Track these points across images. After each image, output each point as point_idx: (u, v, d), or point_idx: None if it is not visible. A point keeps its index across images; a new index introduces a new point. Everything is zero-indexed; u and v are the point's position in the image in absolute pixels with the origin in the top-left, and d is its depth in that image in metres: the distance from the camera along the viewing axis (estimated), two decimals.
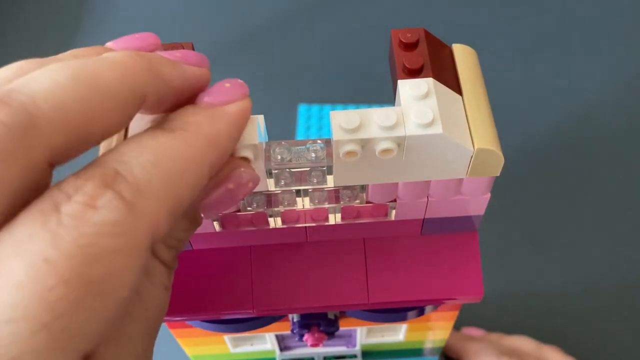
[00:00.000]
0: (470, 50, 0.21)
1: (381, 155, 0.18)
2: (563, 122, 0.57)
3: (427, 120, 0.18)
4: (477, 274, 0.24)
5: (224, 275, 0.24)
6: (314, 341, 0.28)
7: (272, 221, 0.22)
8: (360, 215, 0.23)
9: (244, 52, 0.61)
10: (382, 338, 0.32)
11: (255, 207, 0.21)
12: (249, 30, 0.62)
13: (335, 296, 0.24)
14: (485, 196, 0.21)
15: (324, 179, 0.20)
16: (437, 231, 0.24)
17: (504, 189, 0.49)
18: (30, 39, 0.63)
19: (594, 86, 0.58)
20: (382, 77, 0.42)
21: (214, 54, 0.60)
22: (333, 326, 0.27)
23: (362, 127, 0.18)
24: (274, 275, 0.24)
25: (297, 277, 0.24)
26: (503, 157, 0.19)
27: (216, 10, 0.64)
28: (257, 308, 0.24)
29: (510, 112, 0.56)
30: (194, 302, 0.24)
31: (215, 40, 0.62)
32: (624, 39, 0.61)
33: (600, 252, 0.50)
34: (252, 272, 0.24)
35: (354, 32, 0.62)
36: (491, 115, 0.20)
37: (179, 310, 0.24)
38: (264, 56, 0.60)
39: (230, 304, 0.24)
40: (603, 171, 0.54)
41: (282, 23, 0.63)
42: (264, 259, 0.24)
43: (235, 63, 0.60)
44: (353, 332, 0.31)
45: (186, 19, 0.64)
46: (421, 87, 0.19)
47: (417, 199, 0.21)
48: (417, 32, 0.20)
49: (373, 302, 0.24)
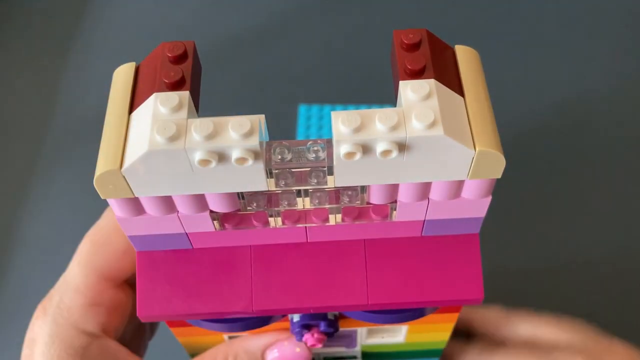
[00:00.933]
0: (473, 51, 0.21)
1: (382, 156, 0.18)
2: (562, 124, 0.57)
3: (428, 121, 0.18)
4: (477, 276, 0.24)
5: (223, 274, 0.24)
6: (314, 341, 0.28)
7: (273, 221, 0.22)
8: (361, 216, 0.23)
9: (244, 52, 0.61)
10: (382, 339, 0.32)
11: (255, 207, 0.21)
12: (249, 30, 0.62)
13: (334, 297, 0.24)
14: (487, 198, 0.21)
15: (325, 180, 0.20)
16: (438, 233, 0.24)
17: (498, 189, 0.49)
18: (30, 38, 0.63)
19: (592, 86, 0.58)
20: (382, 77, 0.42)
21: (214, 54, 0.60)
22: (333, 327, 0.27)
23: (363, 127, 0.18)
24: (273, 275, 0.24)
25: (297, 277, 0.24)
26: (504, 160, 0.19)
27: (216, 10, 0.64)
28: (256, 307, 0.24)
29: (508, 112, 0.56)
30: (194, 300, 0.24)
31: (215, 39, 0.62)
32: (624, 39, 0.61)
33: (600, 253, 0.50)
34: (252, 271, 0.24)
35: (355, 32, 0.62)
36: (493, 117, 0.19)
37: (178, 308, 0.24)
38: (264, 56, 0.60)
39: (230, 303, 0.24)
40: (601, 171, 0.54)
41: (282, 22, 0.63)
42: (264, 259, 0.24)
43: (236, 63, 0.60)
44: (353, 332, 0.31)
45: (186, 19, 0.64)
46: (423, 88, 0.19)
47: (418, 201, 0.21)
48: (420, 33, 0.20)
49: (373, 303, 0.24)
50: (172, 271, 0.24)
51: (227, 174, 0.19)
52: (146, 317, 0.24)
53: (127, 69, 0.21)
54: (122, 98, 0.20)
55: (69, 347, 0.26)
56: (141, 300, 0.24)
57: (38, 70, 0.59)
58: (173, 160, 0.18)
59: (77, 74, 0.59)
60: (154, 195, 0.20)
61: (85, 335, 0.27)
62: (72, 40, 0.62)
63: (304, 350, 0.28)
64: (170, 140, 0.18)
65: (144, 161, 0.18)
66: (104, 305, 0.27)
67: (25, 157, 0.54)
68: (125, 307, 0.29)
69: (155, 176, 0.19)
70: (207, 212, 0.21)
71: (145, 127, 0.19)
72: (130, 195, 0.20)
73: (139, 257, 0.24)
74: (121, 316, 0.28)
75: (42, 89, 0.58)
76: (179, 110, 0.19)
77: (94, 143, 0.20)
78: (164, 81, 0.19)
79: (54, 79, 0.58)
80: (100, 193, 0.20)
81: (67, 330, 0.26)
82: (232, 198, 0.21)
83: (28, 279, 0.49)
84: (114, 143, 0.19)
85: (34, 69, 0.59)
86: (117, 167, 0.19)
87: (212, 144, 0.18)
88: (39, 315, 0.27)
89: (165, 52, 0.20)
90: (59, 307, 0.27)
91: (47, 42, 0.62)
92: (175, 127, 0.18)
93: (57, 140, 0.55)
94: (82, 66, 0.59)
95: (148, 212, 0.21)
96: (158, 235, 0.23)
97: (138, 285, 0.24)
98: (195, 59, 0.21)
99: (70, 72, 0.59)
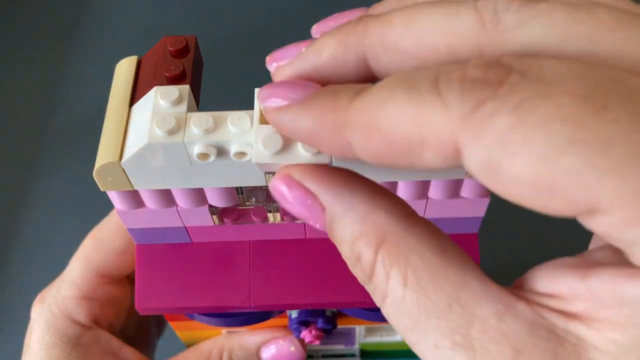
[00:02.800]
0: None
1: None
2: None
3: None
4: None
5: (222, 269, 0.24)
6: (312, 338, 0.28)
7: (271, 216, 0.22)
8: None
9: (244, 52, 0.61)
10: (381, 337, 0.32)
11: (254, 202, 0.21)
12: (250, 26, 0.62)
13: (332, 294, 0.24)
14: (486, 198, 0.21)
15: None
16: None
17: None
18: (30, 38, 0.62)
19: None
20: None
21: (214, 54, 0.60)
22: (331, 324, 0.27)
23: None
24: (272, 270, 0.24)
25: (295, 274, 0.24)
26: None
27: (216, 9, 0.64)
28: (254, 303, 0.24)
29: None
30: (192, 294, 0.24)
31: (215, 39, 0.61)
32: None
33: None
34: (250, 266, 0.24)
35: None
36: None
37: (177, 301, 0.24)
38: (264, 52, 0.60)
39: (228, 298, 0.24)
40: None
41: (283, 19, 0.63)
42: (262, 254, 0.24)
43: (236, 62, 0.60)
44: (352, 330, 0.31)
45: (186, 19, 0.64)
46: None
47: (417, 199, 0.21)
48: None
49: (370, 300, 0.24)
50: (170, 265, 0.24)
51: (225, 168, 0.19)
52: (144, 310, 0.24)
53: (129, 62, 0.21)
54: (123, 91, 0.20)
55: (64, 335, 0.27)
56: (139, 293, 0.24)
57: (38, 70, 0.59)
58: (172, 153, 0.18)
59: (77, 74, 0.59)
60: (153, 189, 0.20)
61: (79, 325, 0.27)
62: (72, 40, 0.61)
63: (299, 349, 0.28)
64: (169, 133, 0.18)
65: (143, 154, 0.18)
66: (97, 299, 0.28)
67: (25, 157, 0.54)
68: (122, 302, 0.29)
69: (154, 169, 0.19)
70: (206, 206, 0.22)
71: (145, 120, 0.19)
72: (130, 188, 0.20)
73: (138, 250, 0.24)
74: (116, 311, 0.29)
75: (42, 89, 0.58)
76: (179, 104, 0.19)
77: (94, 143, 0.20)
78: (164, 75, 0.20)
79: (54, 78, 0.58)
80: (100, 185, 0.20)
81: (62, 320, 0.27)
82: (230, 192, 0.21)
83: (28, 279, 0.49)
84: (114, 135, 0.19)
85: (34, 68, 0.59)
86: (117, 159, 0.19)
87: (211, 138, 0.18)
88: (37, 303, 0.28)
89: (167, 46, 0.20)
90: (55, 297, 0.27)
91: (47, 42, 0.61)
92: (175, 120, 0.18)
93: (57, 140, 0.55)
94: (82, 66, 0.59)
95: (147, 205, 0.21)
96: (157, 229, 0.23)
97: (137, 278, 0.24)
98: (196, 53, 0.21)
99: (70, 72, 0.59)
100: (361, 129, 0.13)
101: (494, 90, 0.12)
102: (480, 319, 0.13)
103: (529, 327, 0.13)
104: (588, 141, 0.11)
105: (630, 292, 0.12)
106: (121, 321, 0.29)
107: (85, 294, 0.27)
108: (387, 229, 0.14)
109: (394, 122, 0.13)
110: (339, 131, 0.14)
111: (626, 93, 0.11)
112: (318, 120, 0.14)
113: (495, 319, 0.13)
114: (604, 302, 0.13)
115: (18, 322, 0.33)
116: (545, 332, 0.13)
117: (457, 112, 0.12)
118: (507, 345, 0.13)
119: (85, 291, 0.27)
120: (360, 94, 0.13)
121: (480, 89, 0.12)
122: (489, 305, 0.13)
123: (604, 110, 0.11)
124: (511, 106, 0.11)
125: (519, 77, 0.12)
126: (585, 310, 0.13)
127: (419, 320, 0.14)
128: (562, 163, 0.11)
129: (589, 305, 0.13)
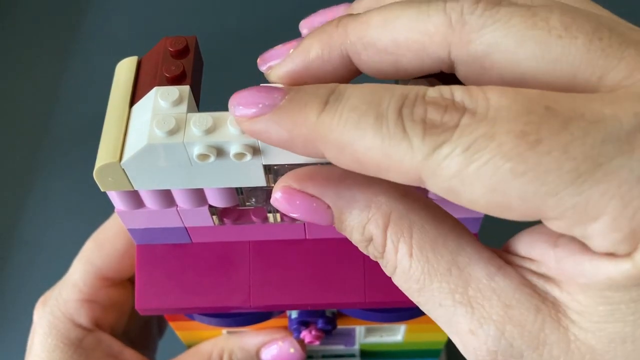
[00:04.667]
0: None
1: None
2: None
3: None
4: None
5: (222, 269, 0.24)
6: (311, 338, 0.28)
7: (272, 217, 0.22)
8: None
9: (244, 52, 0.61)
10: (380, 338, 0.32)
11: (254, 202, 0.21)
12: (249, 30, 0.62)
13: (332, 294, 0.24)
14: None
15: None
16: None
17: None
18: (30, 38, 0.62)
19: None
20: None
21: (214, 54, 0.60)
22: (331, 324, 0.27)
23: None
24: (272, 271, 0.24)
25: (295, 274, 0.24)
26: None
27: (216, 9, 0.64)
28: (253, 303, 0.24)
29: None
30: (192, 294, 0.24)
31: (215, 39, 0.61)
32: None
33: None
34: (251, 267, 0.24)
35: None
36: None
37: (177, 302, 0.24)
38: None
39: (228, 298, 0.24)
40: None
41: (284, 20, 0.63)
42: (262, 255, 0.24)
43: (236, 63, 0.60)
44: (352, 331, 0.31)
45: (186, 19, 0.64)
46: None
47: None
48: None
49: (370, 301, 0.24)
50: (171, 265, 0.24)
51: (225, 169, 0.19)
52: (144, 310, 0.24)
53: (130, 63, 0.21)
54: (123, 91, 0.20)
55: (65, 337, 0.27)
56: (140, 293, 0.24)
57: (38, 70, 0.59)
58: (172, 154, 0.18)
59: (77, 74, 0.59)
60: (153, 189, 0.20)
61: (80, 328, 0.27)
62: (72, 40, 0.61)
63: (299, 351, 0.28)
64: (169, 134, 0.18)
65: (143, 154, 0.18)
66: (98, 302, 0.28)
67: (25, 157, 0.54)
68: (124, 305, 0.29)
69: (154, 169, 0.19)
70: (206, 207, 0.22)
71: (146, 120, 0.19)
72: (130, 188, 0.20)
73: (138, 250, 0.24)
74: (118, 313, 0.29)
75: (42, 89, 0.58)
76: (179, 104, 0.19)
77: (94, 143, 0.20)
78: (165, 75, 0.20)
79: (54, 78, 0.58)
80: (100, 185, 0.20)
81: (63, 323, 0.27)
82: (230, 193, 0.21)
83: (28, 279, 0.49)
84: (114, 136, 0.19)
85: (34, 68, 0.59)
86: (117, 159, 0.19)
87: (211, 138, 0.18)
88: (40, 305, 0.28)
89: (167, 47, 0.20)
90: (57, 299, 0.27)
91: (47, 42, 0.61)
92: (175, 121, 0.18)
93: (57, 140, 0.55)
94: (82, 66, 0.59)
95: (147, 205, 0.21)
96: (157, 229, 0.23)
97: (137, 278, 0.24)
98: (196, 53, 0.21)
99: (70, 72, 0.59)
100: (331, 146, 0.15)
101: (449, 134, 0.14)
102: (475, 279, 0.16)
103: (515, 285, 0.16)
104: (527, 173, 0.13)
105: (588, 268, 0.15)
106: (123, 324, 0.30)
107: (87, 297, 0.28)
108: (390, 210, 0.16)
109: (362, 150, 0.15)
110: (312, 144, 0.15)
111: (557, 125, 0.13)
112: (290, 134, 0.15)
113: (487, 279, 0.16)
114: (567, 270, 0.15)
115: (18, 322, 0.33)
116: (529, 290, 0.15)
117: (420, 154, 0.14)
118: (497, 300, 0.15)
119: (87, 294, 0.28)
120: (327, 106, 0.15)
121: (438, 133, 0.14)
122: (482, 267, 0.16)
123: (538, 144, 0.13)
124: (463, 149, 0.14)
125: (469, 119, 0.14)
126: (556, 274, 0.15)
127: (425, 284, 0.16)
128: (509, 192, 0.14)
129: (558, 271, 0.15)
